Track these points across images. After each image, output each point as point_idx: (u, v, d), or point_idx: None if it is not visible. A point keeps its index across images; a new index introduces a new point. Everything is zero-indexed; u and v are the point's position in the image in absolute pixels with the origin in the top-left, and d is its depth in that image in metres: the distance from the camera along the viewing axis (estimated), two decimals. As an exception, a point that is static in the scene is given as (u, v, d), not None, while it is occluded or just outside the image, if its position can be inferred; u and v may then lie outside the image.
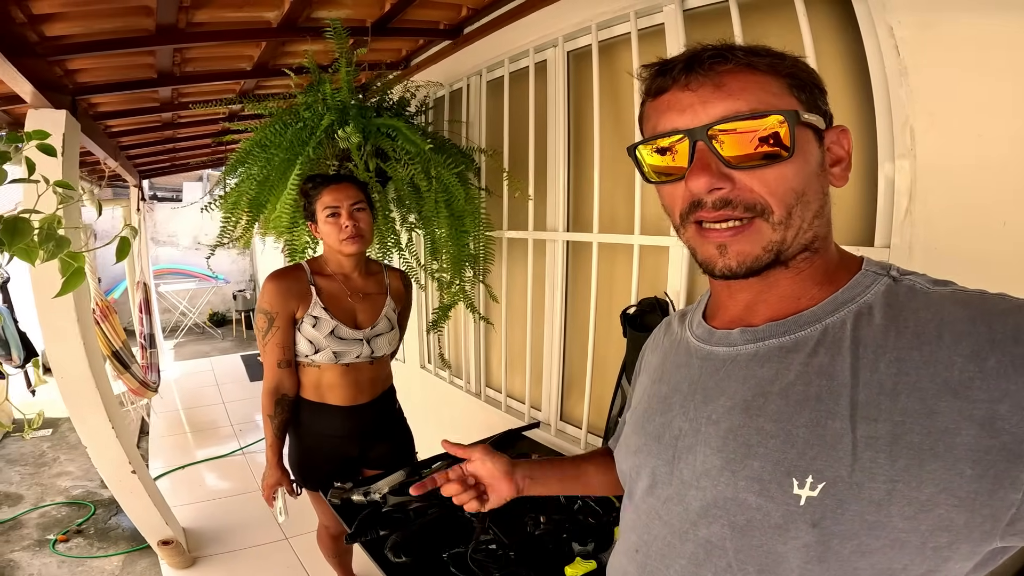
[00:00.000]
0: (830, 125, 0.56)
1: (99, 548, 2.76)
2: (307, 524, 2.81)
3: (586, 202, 1.93)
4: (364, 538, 1.37)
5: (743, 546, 0.53)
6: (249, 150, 1.84)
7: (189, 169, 5.79)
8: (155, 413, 4.65)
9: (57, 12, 1.59)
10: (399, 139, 1.85)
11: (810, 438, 0.49)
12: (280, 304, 1.63)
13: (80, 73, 2.13)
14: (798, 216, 0.53)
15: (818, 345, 0.53)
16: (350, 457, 1.80)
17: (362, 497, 1.53)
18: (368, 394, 1.78)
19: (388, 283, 1.82)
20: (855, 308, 0.53)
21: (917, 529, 0.45)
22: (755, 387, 0.55)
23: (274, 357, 1.66)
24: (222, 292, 8.34)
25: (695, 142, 0.53)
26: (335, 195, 1.61)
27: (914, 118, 1.06)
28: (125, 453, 2.26)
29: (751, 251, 0.53)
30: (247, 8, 1.83)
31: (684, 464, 0.58)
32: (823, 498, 0.47)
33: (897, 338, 0.49)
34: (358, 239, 1.63)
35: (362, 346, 1.70)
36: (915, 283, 0.52)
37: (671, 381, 0.65)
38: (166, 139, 3.76)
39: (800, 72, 0.55)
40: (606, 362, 1.92)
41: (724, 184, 0.52)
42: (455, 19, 2.25)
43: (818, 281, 0.56)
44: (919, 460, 0.45)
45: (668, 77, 0.55)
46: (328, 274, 1.71)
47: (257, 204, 1.91)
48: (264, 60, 2.30)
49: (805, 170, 0.53)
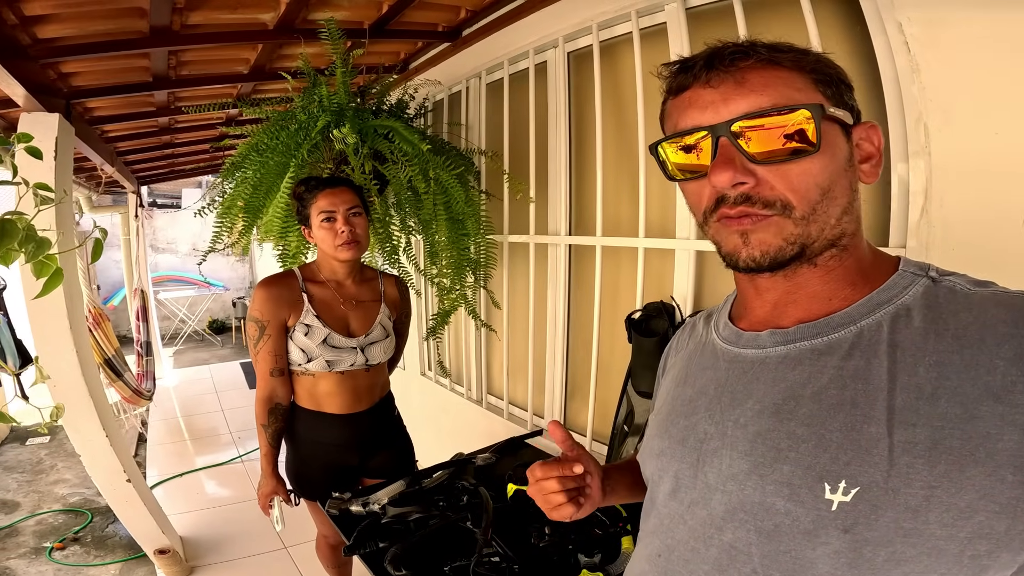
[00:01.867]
0: (858, 121, 0.55)
1: (96, 556, 2.74)
2: (306, 533, 2.78)
3: (589, 205, 1.90)
4: (363, 550, 1.34)
5: (770, 551, 0.51)
6: (245, 154, 1.81)
7: (188, 175, 5.79)
8: (153, 420, 4.65)
9: (49, 14, 1.57)
10: (396, 140, 1.82)
11: (844, 443, 0.48)
12: (271, 312, 1.60)
13: (74, 76, 2.11)
14: (823, 212, 0.52)
15: (853, 348, 0.52)
16: (349, 466, 1.77)
17: (361, 508, 1.49)
18: (366, 401, 1.75)
19: (383, 290, 1.78)
20: (892, 310, 0.52)
21: (955, 537, 0.44)
22: (786, 390, 0.54)
23: (266, 366, 1.63)
24: (221, 299, 8.36)
25: (718, 138, 0.52)
26: (330, 199, 1.58)
27: (928, 115, 1.04)
28: (119, 461, 2.24)
29: (773, 241, 0.53)
30: (242, 10, 1.81)
31: (709, 468, 0.57)
32: (856, 503, 0.46)
33: (937, 341, 0.48)
34: (354, 245, 1.60)
35: (356, 354, 1.67)
36: (955, 284, 0.51)
37: (696, 384, 0.64)
38: (164, 144, 3.77)
39: (825, 67, 0.54)
40: (610, 368, 1.88)
41: (748, 179, 0.52)
42: (454, 21, 2.23)
43: (851, 281, 0.55)
44: (959, 465, 0.44)
45: (689, 74, 0.55)
46: (321, 281, 1.68)
47: (252, 209, 1.89)
48: (261, 63, 2.29)
49: (832, 165, 0.52)
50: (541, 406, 2.19)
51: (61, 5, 1.54)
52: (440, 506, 1.49)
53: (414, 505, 1.50)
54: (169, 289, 7.78)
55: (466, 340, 2.59)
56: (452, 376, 2.77)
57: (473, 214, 1.95)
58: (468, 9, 2.12)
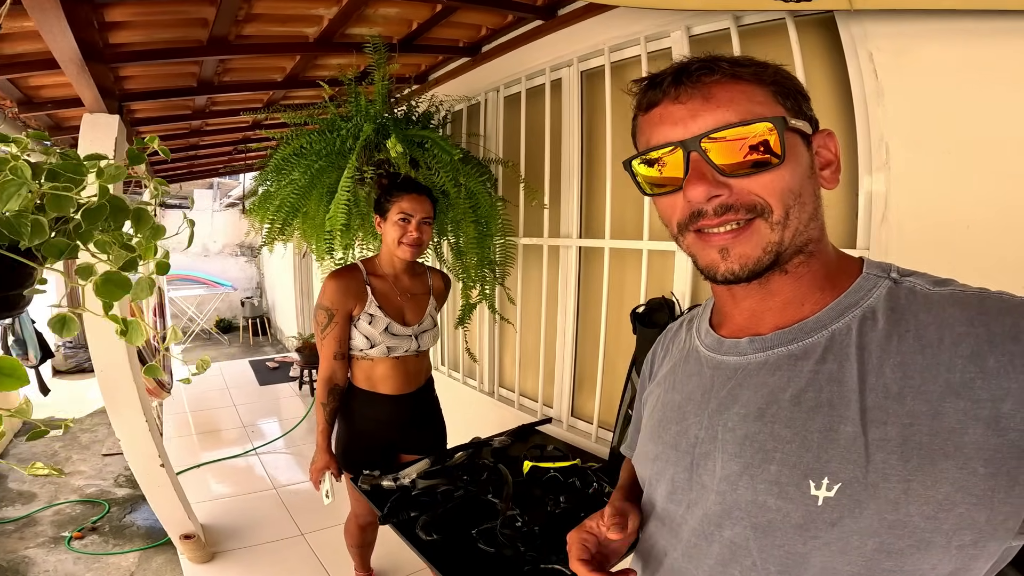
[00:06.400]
0: (816, 130, 0.59)
1: (114, 545, 2.77)
2: (323, 520, 2.88)
3: (598, 210, 2.05)
4: (396, 519, 1.45)
5: (766, 545, 0.54)
6: (286, 158, 1.96)
7: (203, 176, 5.88)
8: (166, 415, 4.66)
9: (125, 21, 1.69)
10: (432, 148, 1.97)
11: (824, 442, 0.51)
12: (340, 302, 1.77)
13: (128, 80, 2.23)
14: (795, 217, 0.55)
15: (826, 352, 0.54)
16: (392, 441, 1.93)
17: (392, 482, 1.62)
18: (414, 384, 1.93)
19: (431, 283, 1.96)
20: (859, 313, 0.54)
21: (940, 529, 0.46)
22: (768, 395, 0.56)
23: (331, 350, 1.80)
24: (229, 299, 8.39)
25: (688, 153, 0.55)
26: (413, 204, 1.74)
27: (889, 136, 1.20)
28: (155, 446, 2.34)
29: (752, 253, 0.55)
30: (291, 24, 1.96)
31: (703, 470, 0.60)
32: (840, 498, 0.49)
33: (900, 343, 0.51)
34: (416, 248, 1.78)
35: (411, 341, 1.85)
36: (915, 285, 0.54)
37: (684, 390, 0.67)
38: (190, 146, 3.84)
39: (783, 80, 0.57)
40: (616, 360, 2.03)
41: (722, 191, 0.54)
42: (474, 37, 2.38)
43: (819, 285, 0.58)
44: (930, 459, 0.46)
45: (658, 91, 0.57)
46: (381, 275, 1.85)
47: (286, 209, 2.02)
48: (295, 72, 2.43)
49: (798, 172, 0.55)
50: (551, 396, 2.33)
51: (137, 13, 1.67)
52: (464, 480, 1.63)
53: (440, 479, 1.64)
54: (178, 288, 7.85)
55: (480, 335, 2.73)
56: (464, 371, 2.90)
57: (495, 217, 2.10)
58: (488, 27, 2.27)
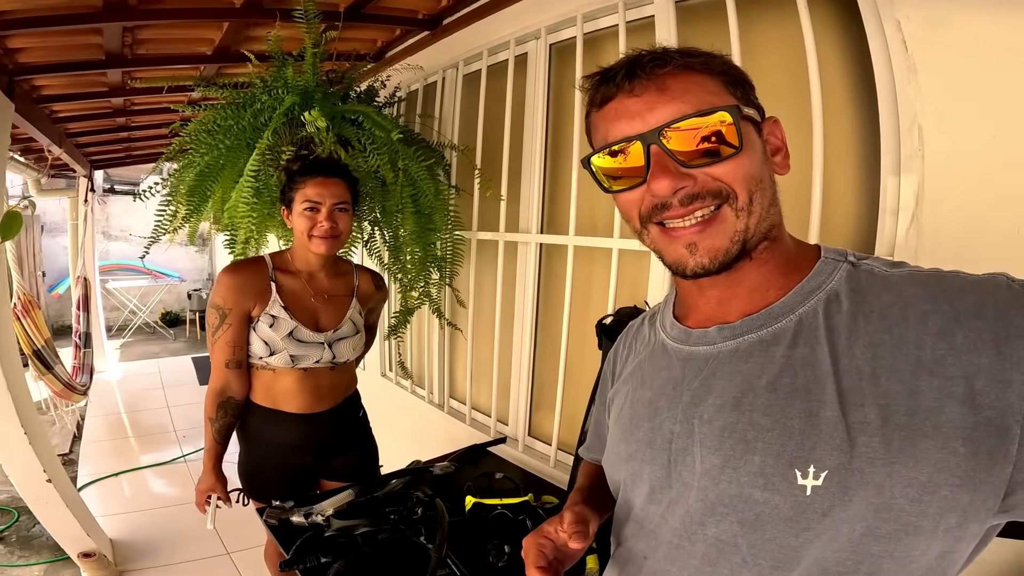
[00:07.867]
0: (763, 118, 0.59)
1: (20, 557, 2.64)
2: (251, 539, 2.65)
3: (562, 203, 1.83)
4: (302, 565, 1.22)
5: (756, 540, 0.53)
6: (193, 136, 1.68)
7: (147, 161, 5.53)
8: (92, 416, 4.40)
9: None
10: (367, 126, 1.72)
11: (806, 428, 0.50)
12: (234, 299, 1.49)
13: (21, 52, 1.99)
14: (758, 202, 0.55)
15: (796, 336, 0.54)
16: (306, 467, 1.66)
17: (303, 519, 1.37)
18: (328, 401, 1.64)
19: (357, 284, 1.68)
20: (823, 296, 0.54)
21: (926, 512, 0.46)
22: (742, 383, 0.55)
23: (223, 356, 1.52)
24: (176, 291, 8.05)
25: (649, 146, 0.54)
26: (320, 190, 1.47)
27: (923, 117, 1.00)
28: (39, 460, 2.08)
29: (721, 245, 0.54)
30: (207, -15, 1.70)
31: (682, 467, 0.59)
32: (828, 486, 0.48)
33: (866, 323, 0.50)
34: (331, 240, 1.50)
35: (323, 350, 1.57)
36: (873, 267, 0.54)
37: (653, 385, 0.65)
38: (119, 127, 3.60)
39: (731, 70, 0.58)
40: (579, 375, 1.81)
41: (686, 182, 0.54)
42: (434, 8, 2.15)
43: (782, 271, 0.58)
44: (911, 440, 0.46)
45: (612, 85, 0.57)
46: (292, 271, 1.57)
47: (198, 193, 1.75)
48: (225, 44, 2.16)
49: (755, 159, 0.55)
50: (505, 413, 2.10)
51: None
52: (391, 519, 1.38)
53: (363, 517, 1.38)
54: (120, 278, 7.43)
55: (428, 341, 2.49)
56: (413, 379, 2.66)
57: (441, 208, 1.86)
58: (450, -4, 2.04)
